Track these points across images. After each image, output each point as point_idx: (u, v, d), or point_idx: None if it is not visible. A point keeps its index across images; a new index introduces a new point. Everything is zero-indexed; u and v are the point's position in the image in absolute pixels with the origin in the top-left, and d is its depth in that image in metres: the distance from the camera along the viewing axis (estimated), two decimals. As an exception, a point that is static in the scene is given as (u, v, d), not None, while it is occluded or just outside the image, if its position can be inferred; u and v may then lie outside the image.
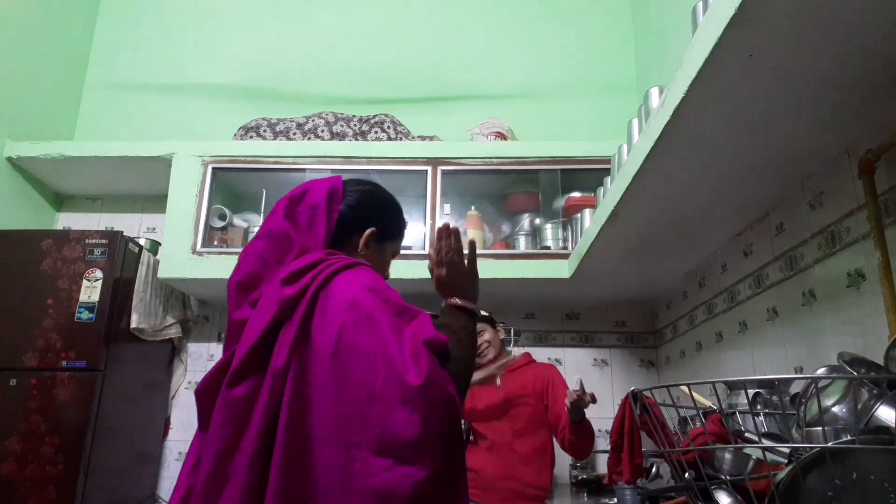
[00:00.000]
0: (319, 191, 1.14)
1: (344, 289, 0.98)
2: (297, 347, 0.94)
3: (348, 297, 0.96)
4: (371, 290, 0.98)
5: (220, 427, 0.92)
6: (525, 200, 2.89)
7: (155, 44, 3.47)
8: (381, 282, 1.02)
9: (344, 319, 0.94)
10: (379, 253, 1.20)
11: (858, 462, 0.80)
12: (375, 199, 1.22)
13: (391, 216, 1.24)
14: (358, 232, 1.16)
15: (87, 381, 2.31)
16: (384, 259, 1.23)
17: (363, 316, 0.94)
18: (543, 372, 2.29)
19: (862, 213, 1.32)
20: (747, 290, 1.92)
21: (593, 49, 3.41)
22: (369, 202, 1.20)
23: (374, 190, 1.24)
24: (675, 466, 1.11)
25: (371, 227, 1.17)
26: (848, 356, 1.05)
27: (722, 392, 1.47)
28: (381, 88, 3.35)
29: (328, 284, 0.99)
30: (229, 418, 0.92)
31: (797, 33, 0.99)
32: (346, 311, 0.95)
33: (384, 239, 1.21)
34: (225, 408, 0.93)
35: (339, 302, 0.96)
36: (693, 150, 1.39)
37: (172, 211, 2.68)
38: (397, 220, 1.26)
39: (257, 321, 0.98)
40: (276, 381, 0.92)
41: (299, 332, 0.95)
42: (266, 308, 0.99)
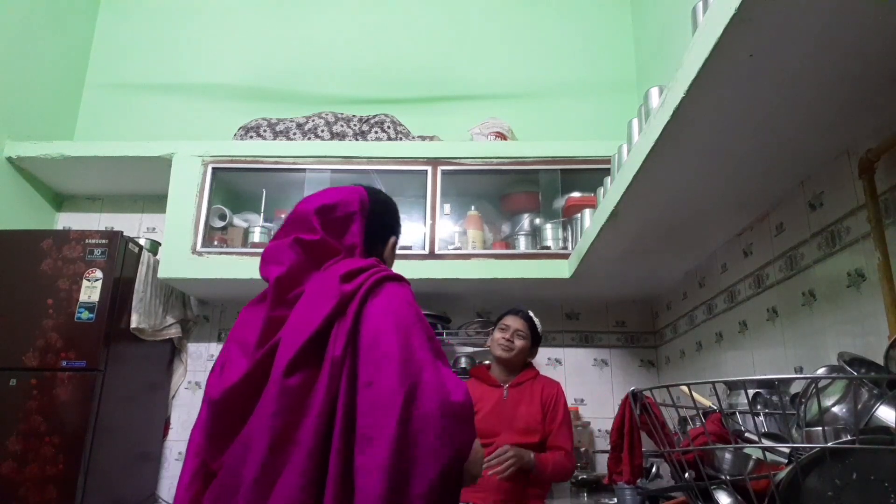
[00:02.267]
0: (352, 200, 1.21)
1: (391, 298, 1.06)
2: (351, 341, 0.99)
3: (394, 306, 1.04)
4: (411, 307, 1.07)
5: (274, 416, 0.93)
6: (525, 200, 2.89)
7: (155, 44, 3.47)
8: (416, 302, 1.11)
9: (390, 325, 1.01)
10: (393, 258, 1.32)
11: (858, 462, 0.80)
12: (392, 209, 1.33)
13: (399, 220, 1.36)
14: (382, 241, 1.27)
15: (87, 381, 2.31)
16: (393, 255, 1.33)
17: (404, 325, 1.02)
18: (549, 389, 2.25)
19: (862, 213, 1.32)
20: (747, 290, 1.92)
21: (593, 49, 3.41)
22: (389, 212, 1.32)
23: (389, 200, 1.34)
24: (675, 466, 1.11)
25: (393, 235, 1.30)
26: (848, 356, 1.05)
27: (722, 392, 1.47)
28: (381, 88, 3.35)
29: (378, 288, 1.07)
30: (284, 407, 0.93)
31: (797, 33, 0.99)
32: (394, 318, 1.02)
33: (396, 245, 1.33)
34: (281, 397, 0.94)
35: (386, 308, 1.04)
36: (693, 150, 1.39)
37: (172, 211, 2.68)
38: (396, 216, 1.36)
39: (311, 315, 1.01)
40: (335, 371, 0.96)
41: (353, 327, 1.00)
42: (320, 303, 1.03)
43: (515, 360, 2.25)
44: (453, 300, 2.90)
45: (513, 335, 2.24)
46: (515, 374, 2.27)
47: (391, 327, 1.01)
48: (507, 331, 2.25)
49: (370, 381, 0.95)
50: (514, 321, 2.27)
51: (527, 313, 2.30)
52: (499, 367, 2.29)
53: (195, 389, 2.96)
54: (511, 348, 2.23)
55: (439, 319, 2.77)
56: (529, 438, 2.13)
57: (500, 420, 2.17)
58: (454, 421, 0.95)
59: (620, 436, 1.15)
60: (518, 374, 2.27)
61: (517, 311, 2.31)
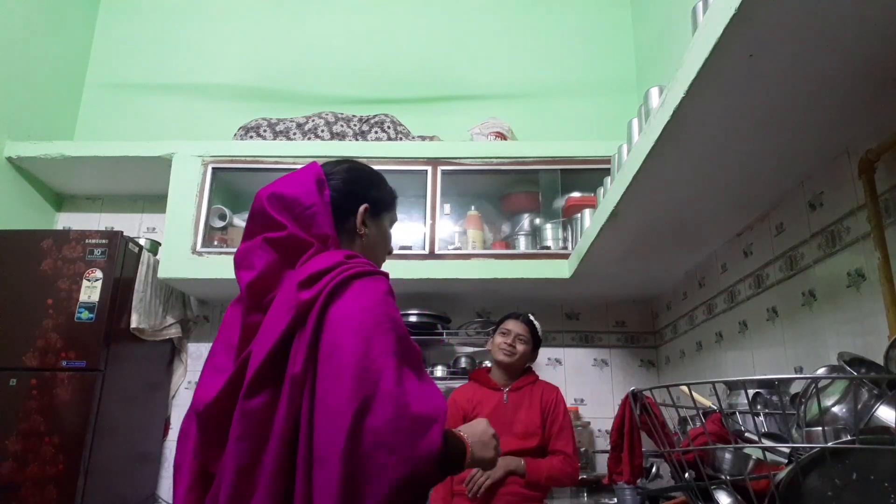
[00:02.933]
0: (307, 182, 1.10)
1: (354, 299, 0.95)
2: (311, 355, 0.91)
3: (356, 309, 0.94)
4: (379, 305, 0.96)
5: (238, 441, 0.89)
6: (525, 200, 2.89)
7: (155, 44, 3.47)
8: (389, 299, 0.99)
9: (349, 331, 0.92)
10: (377, 227, 1.18)
11: (858, 462, 0.80)
12: (359, 174, 1.19)
13: (378, 186, 1.21)
14: (352, 213, 1.13)
15: (87, 381, 2.31)
16: (383, 232, 1.21)
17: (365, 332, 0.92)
18: (549, 394, 2.24)
19: (862, 213, 1.32)
20: (747, 290, 1.92)
21: (593, 49, 3.41)
22: (355, 179, 1.17)
23: (354, 165, 1.20)
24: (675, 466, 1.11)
25: (363, 203, 1.14)
26: (848, 356, 1.05)
27: (722, 392, 1.47)
28: (381, 88, 3.35)
29: (342, 290, 0.96)
30: (247, 431, 0.89)
31: (797, 33, 0.99)
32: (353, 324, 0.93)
33: (379, 211, 1.19)
34: (243, 420, 0.90)
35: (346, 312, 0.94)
36: (693, 150, 1.39)
37: (172, 211, 2.68)
38: (385, 189, 1.23)
39: (271, 327, 0.95)
40: (294, 390, 0.90)
41: (312, 338, 0.92)
42: (281, 313, 0.95)
43: (517, 364, 2.24)
44: (453, 300, 2.90)
45: (514, 340, 2.23)
46: (516, 378, 2.26)
47: (349, 333, 0.91)
48: (509, 335, 2.24)
49: (322, 400, 0.88)
50: (516, 325, 2.26)
51: (528, 317, 2.30)
52: (499, 371, 2.28)
53: (195, 389, 2.95)
54: (513, 353, 2.22)
55: (439, 319, 2.77)
56: (528, 443, 2.13)
57: (499, 424, 2.15)
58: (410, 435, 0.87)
59: (620, 436, 1.15)
60: (518, 379, 2.26)
61: (518, 315, 2.31)
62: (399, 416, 0.86)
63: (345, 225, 1.12)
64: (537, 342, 2.30)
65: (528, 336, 2.25)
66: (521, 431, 2.14)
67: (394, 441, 0.85)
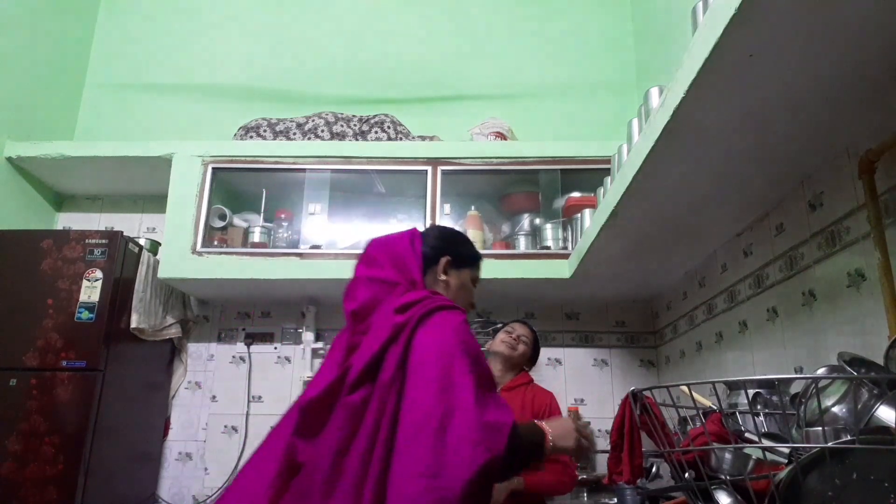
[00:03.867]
0: (405, 237, 1.41)
1: (438, 327, 1.20)
2: (401, 365, 1.15)
3: (439, 336, 1.18)
4: (457, 335, 1.19)
5: (338, 430, 1.11)
6: (525, 200, 2.89)
7: (155, 44, 3.47)
8: (465, 327, 1.23)
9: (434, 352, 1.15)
10: (457, 277, 1.44)
11: (858, 462, 0.80)
12: (446, 235, 1.50)
13: (461, 247, 1.49)
14: (437, 263, 1.41)
15: (87, 381, 2.31)
16: (463, 283, 1.46)
17: (447, 352, 1.15)
18: (542, 398, 2.23)
19: (862, 213, 1.32)
20: (747, 290, 1.92)
21: (593, 49, 3.41)
22: (441, 238, 1.47)
23: (444, 229, 1.55)
24: (675, 466, 1.11)
25: (444, 255, 1.42)
26: (848, 356, 1.05)
27: (722, 392, 1.47)
28: (381, 88, 3.35)
29: (427, 318, 1.21)
30: (345, 422, 1.12)
31: (797, 33, 0.99)
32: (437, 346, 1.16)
33: (459, 265, 1.45)
34: (342, 412, 1.13)
35: (432, 337, 1.18)
36: (693, 150, 1.39)
37: (172, 211, 2.68)
38: (467, 249, 1.50)
39: (372, 342, 1.20)
40: (383, 393, 1.12)
41: (402, 353, 1.16)
42: (378, 333, 1.21)
43: (516, 360, 2.25)
44: (453, 300, 2.89)
45: (517, 338, 2.26)
46: (512, 374, 2.27)
47: (434, 354, 1.15)
48: (513, 333, 2.27)
49: (412, 402, 1.10)
50: (521, 328, 2.30)
51: (531, 326, 2.35)
52: (498, 365, 2.29)
53: (195, 389, 2.96)
54: (515, 347, 2.24)
55: (439, 319, 2.77)
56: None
57: None
58: (488, 432, 1.06)
59: (620, 436, 1.15)
60: (514, 377, 2.26)
61: (525, 321, 2.37)
62: (477, 419, 1.07)
63: (431, 272, 1.40)
64: (536, 351, 2.32)
65: (530, 341, 2.28)
66: None
67: (476, 437, 1.05)
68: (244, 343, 2.99)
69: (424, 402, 1.09)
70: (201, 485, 2.82)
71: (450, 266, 1.43)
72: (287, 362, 2.98)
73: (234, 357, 2.99)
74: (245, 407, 2.90)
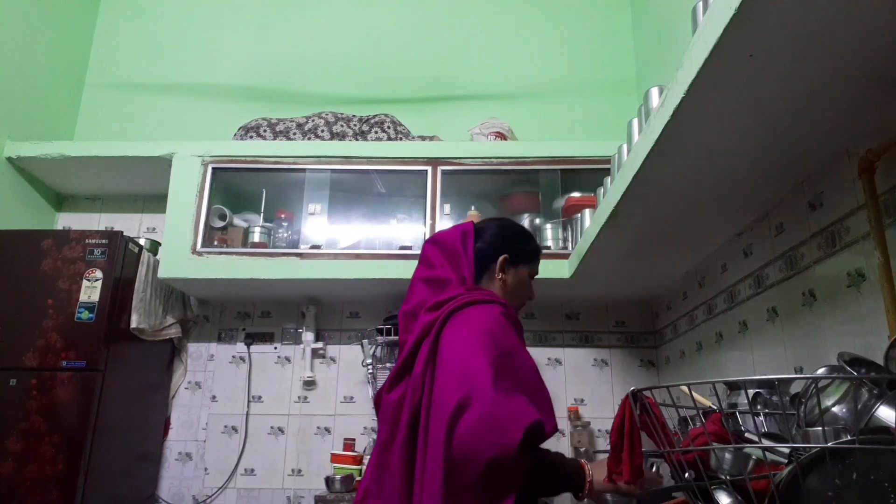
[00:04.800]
0: (456, 232, 1.42)
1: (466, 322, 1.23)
2: (431, 359, 1.21)
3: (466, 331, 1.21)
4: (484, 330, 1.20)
5: (382, 424, 1.23)
6: (525, 200, 2.89)
7: (155, 44, 3.47)
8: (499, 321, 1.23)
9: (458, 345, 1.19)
10: (515, 275, 1.44)
11: (858, 462, 0.80)
12: (504, 230, 1.48)
13: (520, 242, 1.47)
14: (494, 261, 1.42)
15: (87, 381, 2.31)
16: (520, 279, 1.45)
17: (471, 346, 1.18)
18: None
19: (862, 213, 1.32)
20: (747, 290, 1.92)
21: (593, 49, 3.41)
22: (499, 234, 1.45)
23: (502, 223, 1.51)
24: (675, 466, 1.11)
25: (503, 254, 1.42)
26: (848, 356, 1.05)
27: (722, 392, 1.47)
28: (381, 88, 3.35)
29: (458, 313, 1.25)
30: (387, 417, 1.22)
31: (797, 33, 0.99)
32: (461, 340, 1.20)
33: (517, 262, 1.45)
34: (384, 408, 1.24)
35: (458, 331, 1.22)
36: (693, 150, 1.39)
37: (172, 211, 2.68)
38: (526, 245, 1.48)
39: (409, 341, 1.28)
40: (416, 384, 1.19)
41: (432, 347, 1.22)
42: (416, 330, 1.28)
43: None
44: (453, 300, 2.89)
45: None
46: None
47: (458, 346, 1.19)
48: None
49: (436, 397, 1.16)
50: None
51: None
52: None
53: (195, 389, 2.96)
54: None
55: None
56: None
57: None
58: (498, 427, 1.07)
59: (620, 436, 1.15)
60: None
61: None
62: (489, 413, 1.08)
63: (487, 270, 1.41)
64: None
65: None
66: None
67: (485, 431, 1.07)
68: (244, 343, 2.99)
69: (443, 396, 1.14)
70: (201, 485, 2.82)
71: (507, 264, 1.43)
72: (287, 362, 2.98)
73: (234, 357, 2.99)
74: (245, 407, 2.90)
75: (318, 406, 2.92)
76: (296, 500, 2.78)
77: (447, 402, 1.11)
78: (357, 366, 2.92)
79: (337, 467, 2.58)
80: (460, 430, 1.07)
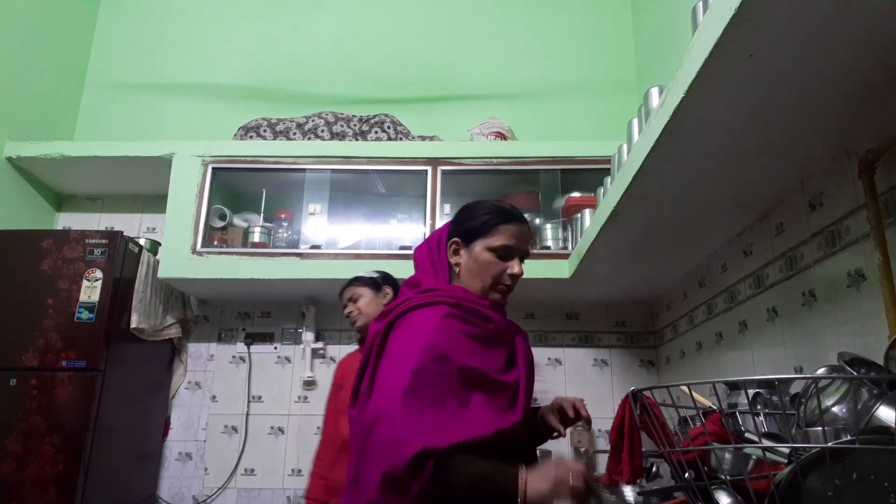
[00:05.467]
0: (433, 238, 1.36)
1: (403, 331, 1.18)
2: (373, 373, 1.16)
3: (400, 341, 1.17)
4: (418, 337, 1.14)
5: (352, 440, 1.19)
6: (525, 200, 2.89)
7: (155, 44, 3.47)
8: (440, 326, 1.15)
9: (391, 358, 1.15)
10: (471, 255, 1.27)
11: (858, 462, 0.80)
12: (458, 214, 1.33)
13: (467, 219, 1.30)
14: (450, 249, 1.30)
15: (87, 381, 2.31)
16: (475, 258, 1.26)
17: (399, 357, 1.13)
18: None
19: (862, 213, 1.32)
20: (747, 290, 1.92)
21: (593, 49, 3.41)
22: (454, 221, 1.32)
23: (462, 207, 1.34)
24: (675, 466, 1.11)
25: (454, 238, 1.29)
26: (848, 356, 1.05)
27: (722, 392, 1.47)
28: (381, 88, 3.35)
29: (399, 321, 1.20)
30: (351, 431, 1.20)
31: (797, 33, 0.99)
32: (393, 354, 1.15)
33: (469, 241, 1.28)
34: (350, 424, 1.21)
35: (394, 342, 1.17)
36: (693, 150, 1.39)
37: (172, 211, 2.68)
38: (478, 218, 1.28)
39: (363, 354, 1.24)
40: (363, 402, 1.15)
41: (375, 361, 1.17)
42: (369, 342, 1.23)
43: (367, 321, 2.02)
44: (453, 300, 2.89)
45: (348, 304, 2.11)
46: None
47: (389, 361, 1.15)
48: (345, 308, 2.14)
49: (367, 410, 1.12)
50: (346, 294, 2.14)
51: (353, 279, 2.15)
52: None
53: (195, 389, 2.96)
54: (355, 319, 2.07)
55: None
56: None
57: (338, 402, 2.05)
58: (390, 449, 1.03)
59: (620, 436, 1.15)
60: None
61: (354, 279, 2.18)
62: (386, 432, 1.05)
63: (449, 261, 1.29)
64: (377, 283, 2.12)
65: (360, 290, 2.10)
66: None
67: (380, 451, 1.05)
68: (244, 343, 2.99)
69: (367, 410, 1.11)
70: (201, 485, 2.82)
71: (459, 247, 1.28)
72: (287, 362, 2.98)
73: (234, 357, 2.99)
74: (245, 407, 2.90)
75: (319, 406, 2.91)
76: (296, 500, 2.78)
77: (364, 421, 1.10)
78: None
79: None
80: (368, 447, 1.07)
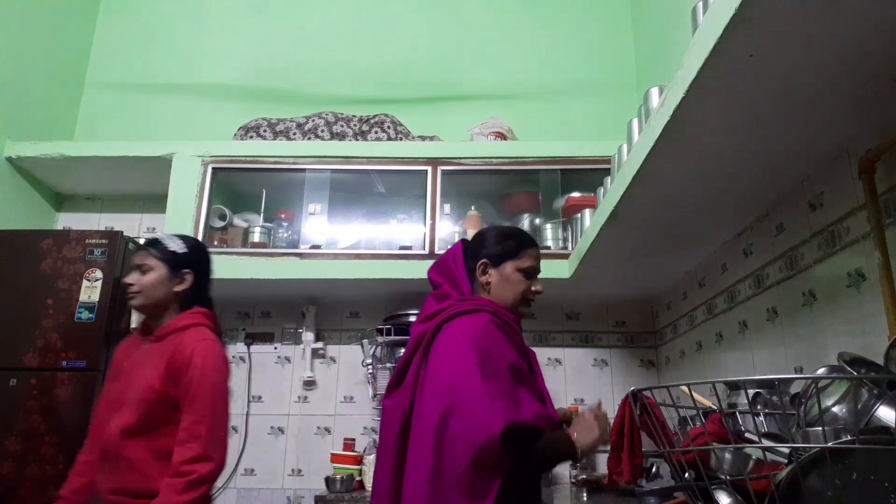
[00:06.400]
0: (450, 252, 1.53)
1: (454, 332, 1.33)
2: (421, 370, 1.32)
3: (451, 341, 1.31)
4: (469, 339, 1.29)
5: (382, 430, 1.37)
6: (525, 200, 2.89)
7: (155, 44, 3.47)
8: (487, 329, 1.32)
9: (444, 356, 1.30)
10: (498, 275, 1.47)
11: (858, 462, 0.80)
12: (481, 238, 1.53)
13: (497, 243, 1.49)
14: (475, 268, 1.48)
15: (87, 381, 2.31)
16: (505, 278, 1.47)
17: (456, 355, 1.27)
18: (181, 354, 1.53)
19: (862, 213, 1.32)
20: (747, 290, 1.92)
21: (593, 49, 3.41)
22: (478, 241, 1.52)
23: (482, 232, 1.56)
24: (675, 466, 1.11)
25: (482, 259, 1.47)
26: (848, 356, 1.05)
27: (722, 392, 1.47)
28: (381, 88, 3.35)
29: (447, 324, 1.35)
30: (384, 422, 1.37)
31: (797, 33, 0.99)
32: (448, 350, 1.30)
33: (499, 262, 1.47)
34: (384, 413, 1.39)
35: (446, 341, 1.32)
36: (693, 151, 1.39)
37: (172, 211, 2.68)
38: (503, 244, 1.49)
39: (406, 351, 1.41)
40: (407, 392, 1.32)
41: (422, 358, 1.34)
42: (410, 342, 1.41)
43: (148, 303, 1.61)
44: (453, 300, 2.89)
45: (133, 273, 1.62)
46: (160, 321, 1.63)
47: (444, 357, 1.29)
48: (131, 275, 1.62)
49: (422, 403, 1.27)
50: (136, 257, 1.65)
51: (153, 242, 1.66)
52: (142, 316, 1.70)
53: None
54: (133, 296, 1.61)
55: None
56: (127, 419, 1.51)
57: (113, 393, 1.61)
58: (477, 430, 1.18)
59: (620, 436, 1.15)
60: (165, 323, 1.61)
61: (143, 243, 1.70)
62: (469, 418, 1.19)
63: (475, 278, 1.48)
64: (177, 259, 1.64)
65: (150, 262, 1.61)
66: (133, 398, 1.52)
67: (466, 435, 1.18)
68: (244, 343, 2.99)
69: (432, 403, 1.24)
70: (201, 485, 2.82)
71: (488, 267, 1.47)
72: (287, 362, 2.98)
73: (234, 357, 2.99)
74: (245, 407, 2.90)
75: (318, 406, 2.92)
76: (296, 500, 2.78)
77: (435, 410, 1.22)
78: (357, 366, 2.92)
79: (337, 467, 2.58)
80: (449, 433, 1.19)
